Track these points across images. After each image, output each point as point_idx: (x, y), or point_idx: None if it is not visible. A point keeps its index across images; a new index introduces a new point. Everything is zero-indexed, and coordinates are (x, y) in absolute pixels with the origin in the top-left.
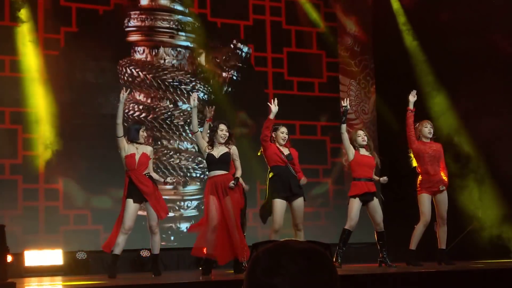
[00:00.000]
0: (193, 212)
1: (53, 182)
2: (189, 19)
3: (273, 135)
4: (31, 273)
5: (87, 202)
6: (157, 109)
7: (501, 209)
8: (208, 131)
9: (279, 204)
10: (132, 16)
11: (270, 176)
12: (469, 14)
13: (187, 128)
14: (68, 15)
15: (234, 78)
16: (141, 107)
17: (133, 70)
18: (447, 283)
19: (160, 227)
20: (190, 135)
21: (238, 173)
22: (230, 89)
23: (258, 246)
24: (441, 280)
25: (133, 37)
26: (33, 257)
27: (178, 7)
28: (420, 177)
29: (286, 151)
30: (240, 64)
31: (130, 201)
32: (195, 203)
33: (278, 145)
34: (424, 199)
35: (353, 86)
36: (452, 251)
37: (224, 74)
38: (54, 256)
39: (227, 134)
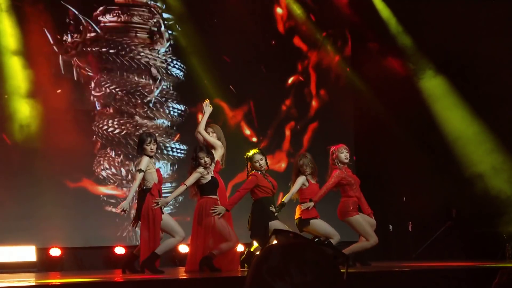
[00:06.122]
0: (166, 210)
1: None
2: (167, 15)
3: (249, 168)
4: (3, 269)
5: (61, 197)
6: (132, 125)
7: None
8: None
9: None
10: (107, 11)
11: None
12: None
13: (168, 104)
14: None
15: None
16: (116, 123)
17: (108, 89)
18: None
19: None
20: (170, 112)
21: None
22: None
23: (279, 234)
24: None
25: (108, 33)
26: (5, 253)
27: (156, 3)
28: (346, 200)
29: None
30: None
31: (165, 215)
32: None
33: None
34: (363, 221)
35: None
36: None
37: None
38: (27, 253)
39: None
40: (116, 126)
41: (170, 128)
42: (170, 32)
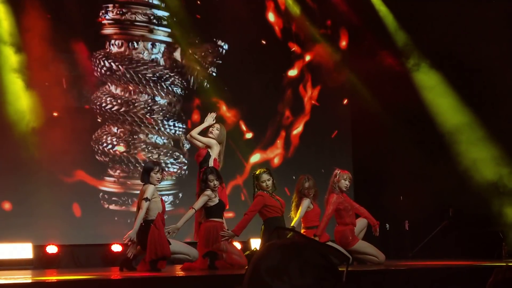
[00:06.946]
0: (168, 207)
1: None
2: (166, 13)
3: (256, 188)
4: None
5: (58, 194)
6: (135, 103)
7: None
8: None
9: None
10: (107, 9)
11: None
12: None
13: (166, 122)
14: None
15: (214, 74)
16: (118, 101)
17: (111, 63)
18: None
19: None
20: (168, 129)
21: None
22: (208, 86)
23: (280, 232)
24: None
25: (108, 30)
26: (2, 251)
27: (155, 1)
28: (344, 230)
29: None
30: (220, 61)
31: (173, 242)
32: (170, 198)
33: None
34: (365, 244)
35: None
36: None
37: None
38: (23, 250)
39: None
40: (115, 143)
41: (170, 146)
42: (168, 30)
